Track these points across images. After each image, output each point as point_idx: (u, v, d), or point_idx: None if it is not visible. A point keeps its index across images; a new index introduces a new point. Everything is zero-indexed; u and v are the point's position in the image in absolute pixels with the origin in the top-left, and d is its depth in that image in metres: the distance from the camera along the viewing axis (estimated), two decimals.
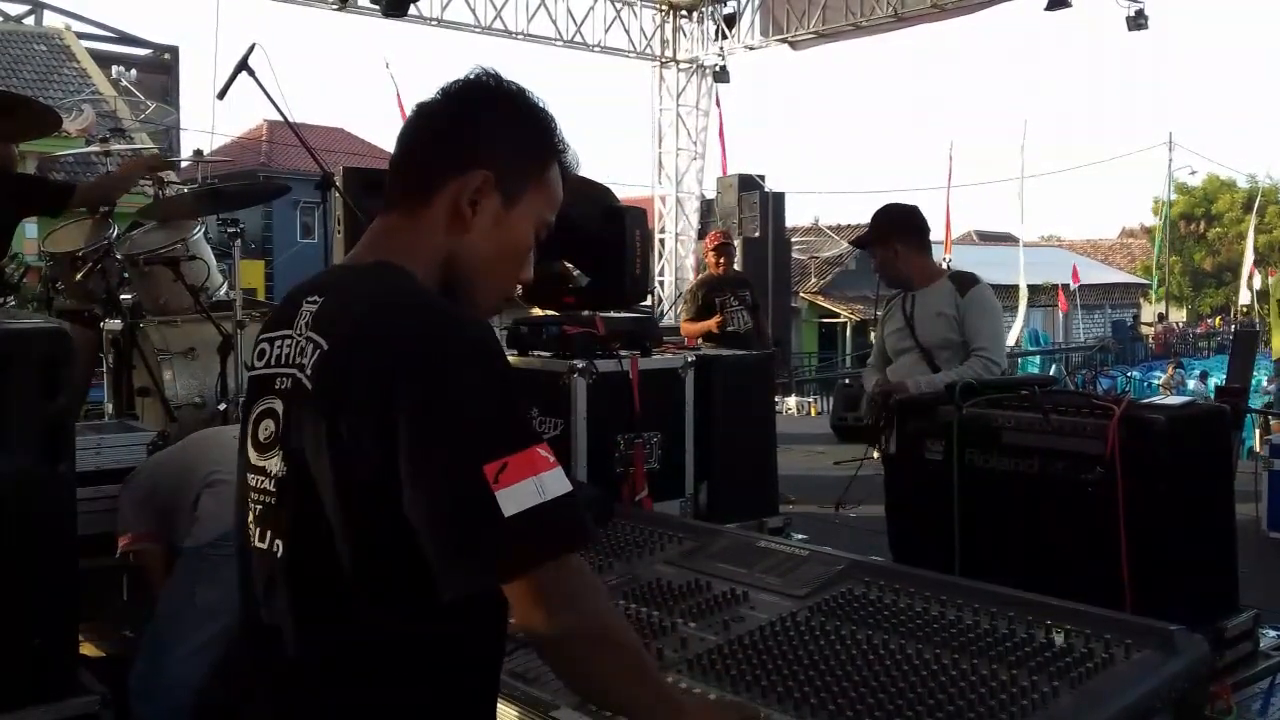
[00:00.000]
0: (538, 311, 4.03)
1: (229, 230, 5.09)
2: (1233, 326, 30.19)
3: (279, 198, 7.42)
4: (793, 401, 15.75)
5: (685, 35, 16.01)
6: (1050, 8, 12.00)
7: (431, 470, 1.18)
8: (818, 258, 29.38)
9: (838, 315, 29.02)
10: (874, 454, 4.17)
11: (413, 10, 12.72)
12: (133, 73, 20.49)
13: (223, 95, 4.47)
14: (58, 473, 2.64)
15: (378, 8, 12.39)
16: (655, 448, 3.51)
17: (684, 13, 15.87)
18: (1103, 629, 1.70)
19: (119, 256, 4.62)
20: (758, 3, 14.99)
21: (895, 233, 3.92)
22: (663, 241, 15.97)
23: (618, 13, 15.46)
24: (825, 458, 8.57)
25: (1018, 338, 28.33)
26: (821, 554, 2.17)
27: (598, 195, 3.89)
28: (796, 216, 32.90)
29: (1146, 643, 1.65)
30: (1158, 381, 21.33)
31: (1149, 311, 40.75)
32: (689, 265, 15.95)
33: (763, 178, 13.46)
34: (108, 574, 3.19)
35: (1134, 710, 1.54)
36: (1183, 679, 1.61)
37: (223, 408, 4.28)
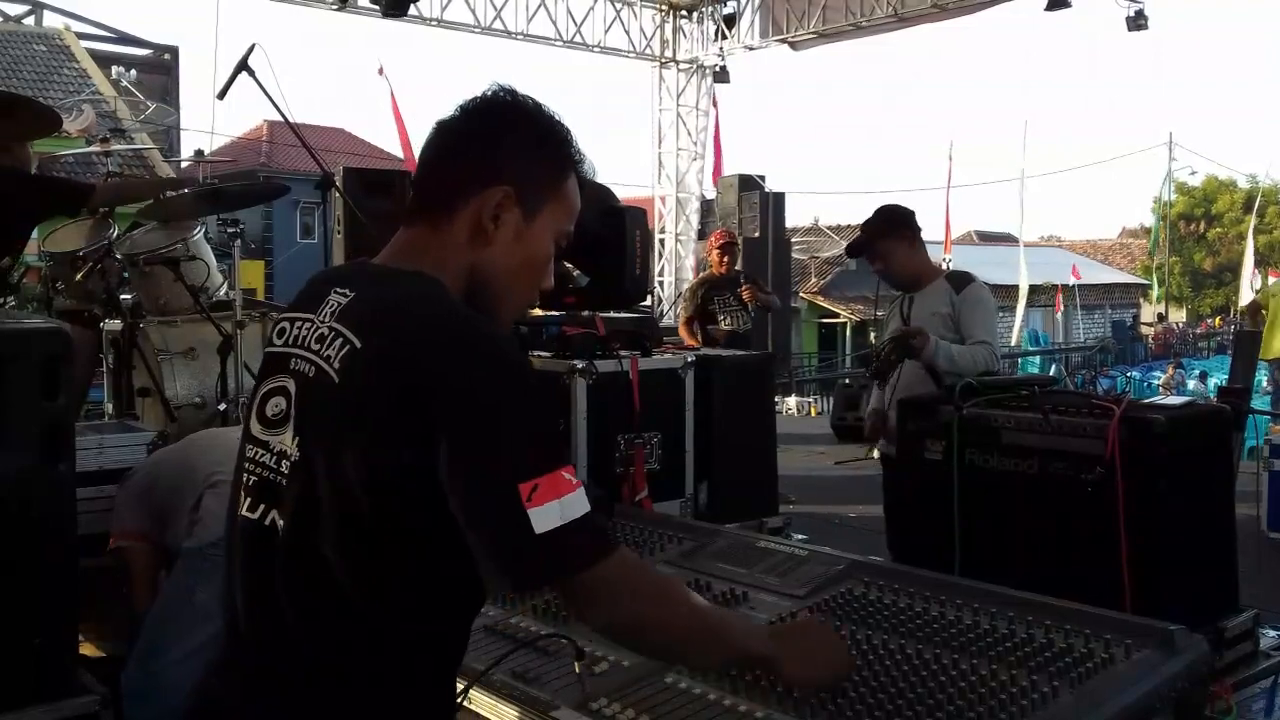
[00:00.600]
0: (538, 311, 4.03)
1: (229, 230, 5.09)
2: (1233, 327, 30.18)
3: (279, 198, 7.42)
4: (793, 401, 15.75)
5: (685, 35, 16.01)
6: (1050, 8, 12.00)
7: (475, 486, 1.26)
8: (818, 258, 29.39)
9: (838, 315, 29.03)
10: (874, 454, 4.18)
11: (412, 10, 12.72)
12: (133, 73, 20.48)
13: (223, 95, 4.48)
14: (58, 473, 2.65)
15: (377, 8, 12.39)
16: (655, 448, 3.51)
17: (684, 13, 15.88)
18: (1103, 629, 1.70)
19: (119, 256, 4.62)
20: (758, 3, 14.99)
21: (882, 235, 3.91)
22: (663, 241, 15.97)
23: (618, 13, 15.46)
24: (825, 458, 8.59)
25: (1017, 338, 28.35)
26: (821, 554, 2.18)
27: (598, 195, 3.88)
28: (796, 216, 32.94)
29: (1146, 643, 1.65)
30: (1158, 381, 21.33)
31: (1149, 312, 40.76)
32: (689, 265, 15.95)
33: (763, 178, 13.46)
34: (108, 574, 3.19)
35: (1134, 710, 1.54)
36: (1183, 679, 1.61)
37: (223, 408, 4.28)
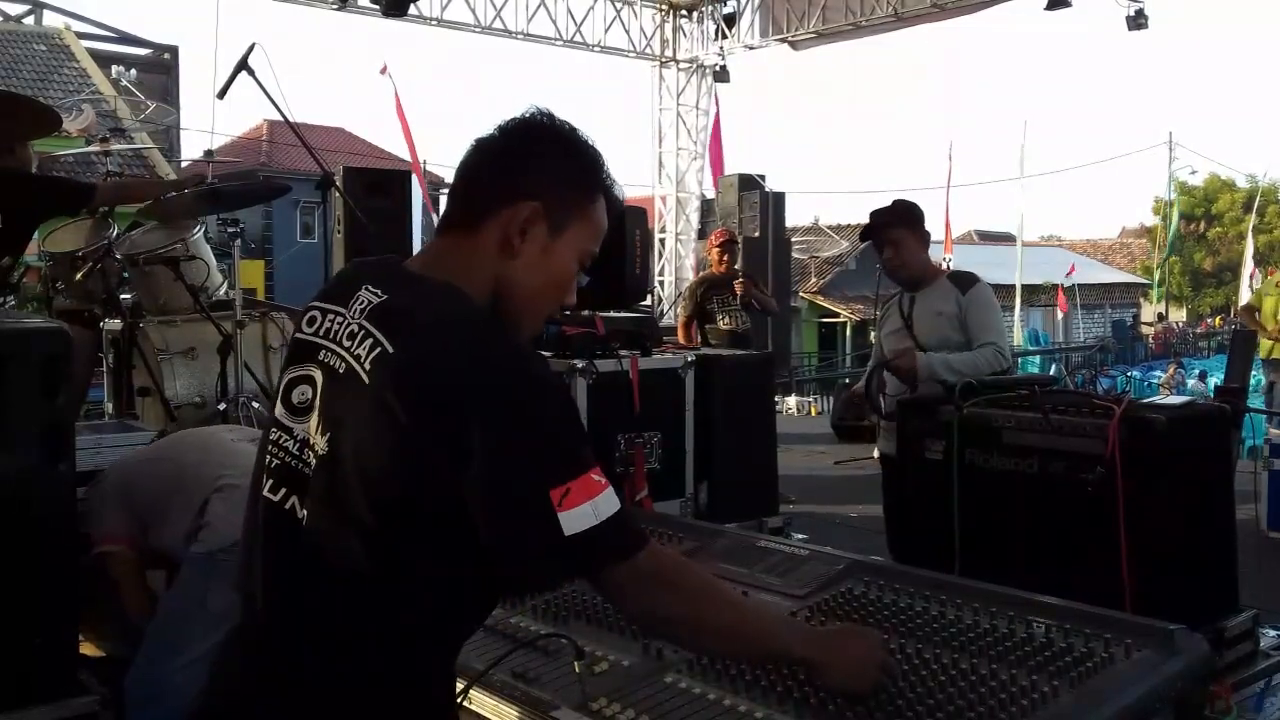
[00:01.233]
0: None
1: (229, 230, 5.09)
2: (1232, 326, 30.19)
3: (279, 198, 7.42)
4: (793, 401, 15.76)
5: (685, 35, 16.01)
6: (1050, 8, 12.00)
7: (507, 493, 1.31)
8: (818, 258, 29.38)
9: (838, 315, 29.02)
10: (874, 454, 4.18)
11: (413, 10, 12.72)
12: (133, 73, 20.47)
13: (223, 95, 4.48)
14: (58, 472, 2.65)
15: (378, 8, 12.39)
16: (655, 448, 3.52)
17: (684, 12, 15.87)
18: (1103, 629, 1.70)
19: (119, 256, 4.62)
20: (758, 3, 14.99)
21: (901, 223, 3.92)
22: (663, 241, 15.97)
23: (618, 13, 15.46)
24: (825, 458, 8.59)
25: (1018, 338, 28.34)
26: (821, 554, 2.17)
27: None
28: (796, 216, 32.92)
29: (1146, 643, 1.65)
30: (1158, 381, 21.33)
31: (1149, 311, 40.75)
32: (689, 265, 15.95)
33: (763, 177, 13.46)
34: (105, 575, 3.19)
35: (1134, 710, 1.54)
36: (1183, 679, 1.61)
37: (222, 407, 4.28)
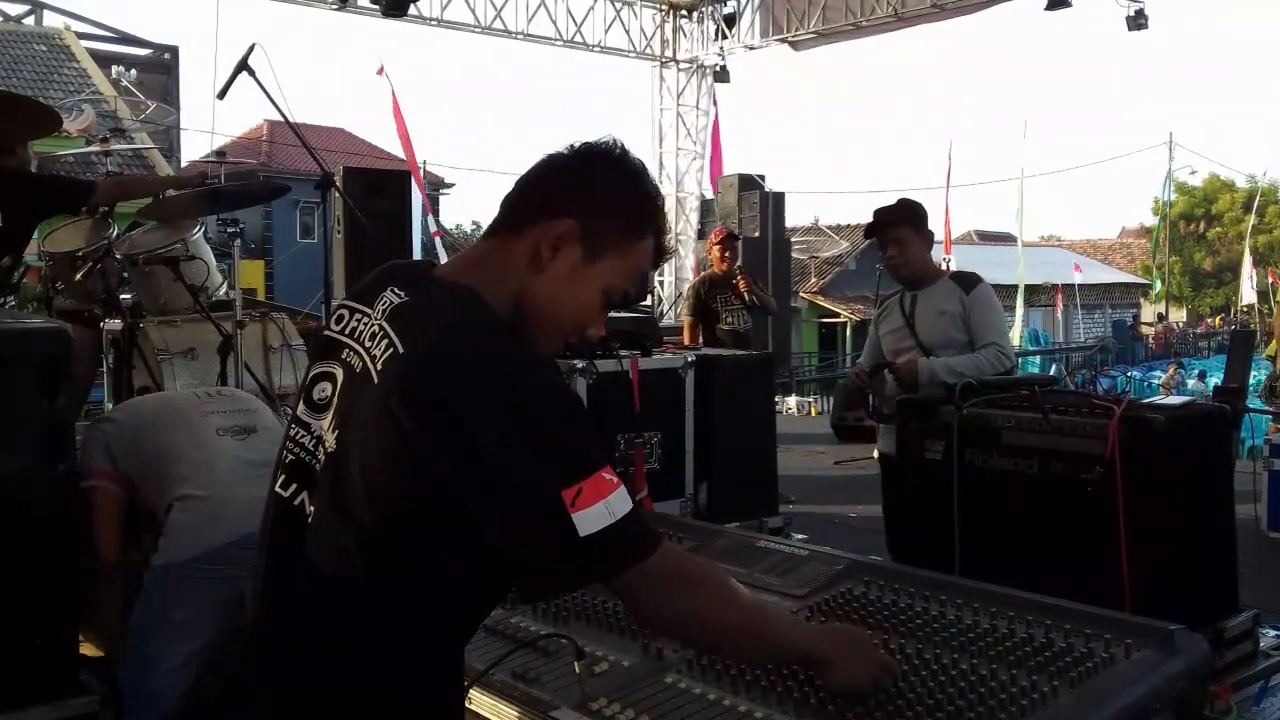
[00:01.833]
0: None
1: (229, 230, 5.09)
2: (1233, 326, 30.20)
3: (279, 198, 7.42)
4: (793, 401, 15.75)
5: (685, 35, 16.02)
6: (1050, 8, 12.01)
7: (516, 496, 1.30)
8: (818, 258, 29.38)
9: (838, 315, 29.02)
10: (874, 454, 4.18)
11: (413, 10, 12.73)
12: (133, 73, 20.47)
13: (223, 95, 4.49)
14: (58, 473, 2.65)
15: (378, 8, 12.40)
16: (655, 448, 3.52)
17: (684, 13, 15.88)
18: (1103, 629, 1.70)
19: (119, 256, 4.61)
20: (758, 3, 15.00)
21: (905, 222, 3.92)
22: None
23: (618, 13, 15.47)
24: (825, 458, 8.58)
25: (1018, 337, 28.35)
26: (821, 554, 2.17)
27: None
28: (796, 216, 32.92)
29: (1146, 643, 1.65)
30: (1158, 381, 21.33)
31: (1149, 311, 40.76)
32: (689, 265, 15.95)
33: (763, 178, 13.46)
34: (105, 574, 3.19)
35: (1134, 710, 1.54)
36: (1183, 679, 1.61)
37: None
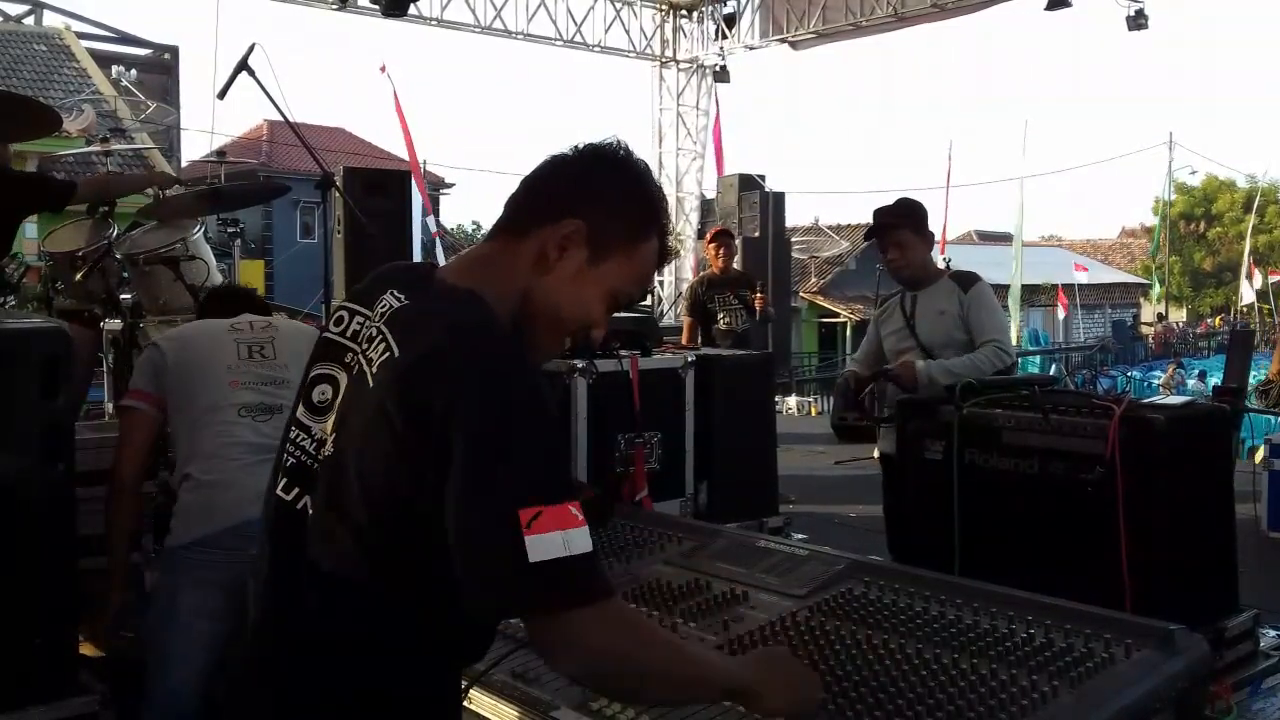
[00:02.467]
0: None
1: (229, 230, 5.10)
2: (1233, 327, 30.20)
3: (279, 197, 7.43)
4: (793, 401, 15.75)
5: (685, 35, 16.03)
6: (1050, 8, 12.01)
7: (474, 504, 1.26)
8: (818, 258, 29.38)
9: (838, 315, 29.02)
10: (874, 454, 4.18)
11: (413, 10, 12.73)
12: (133, 73, 20.46)
13: (223, 95, 4.48)
14: (58, 472, 2.65)
15: (378, 8, 12.41)
16: (655, 448, 3.51)
17: (684, 13, 15.89)
18: (1103, 629, 1.70)
19: (119, 256, 4.62)
20: (758, 3, 15.01)
21: (906, 224, 3.91)
22: None
23: (618, 13, 15.47)
24: (825, 458, 8.58)
25: (1017, 337, 28.36)
26: (821, 554, 2.17)
27: None
28: (796, 216, 32.90)
29: (1146, 643, 1.65)
30: (1158, 381, 21.33)
31: (1149, 311, 40.76)
32: (689, 265, 15.95)
33: (763, 178, 13.47)
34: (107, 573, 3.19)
35: (1134, 710, 1.54)
36: (1183, 679, 1.61)
37: None
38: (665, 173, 16.24)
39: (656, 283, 15.43)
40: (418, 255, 10.36)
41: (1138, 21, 12.14)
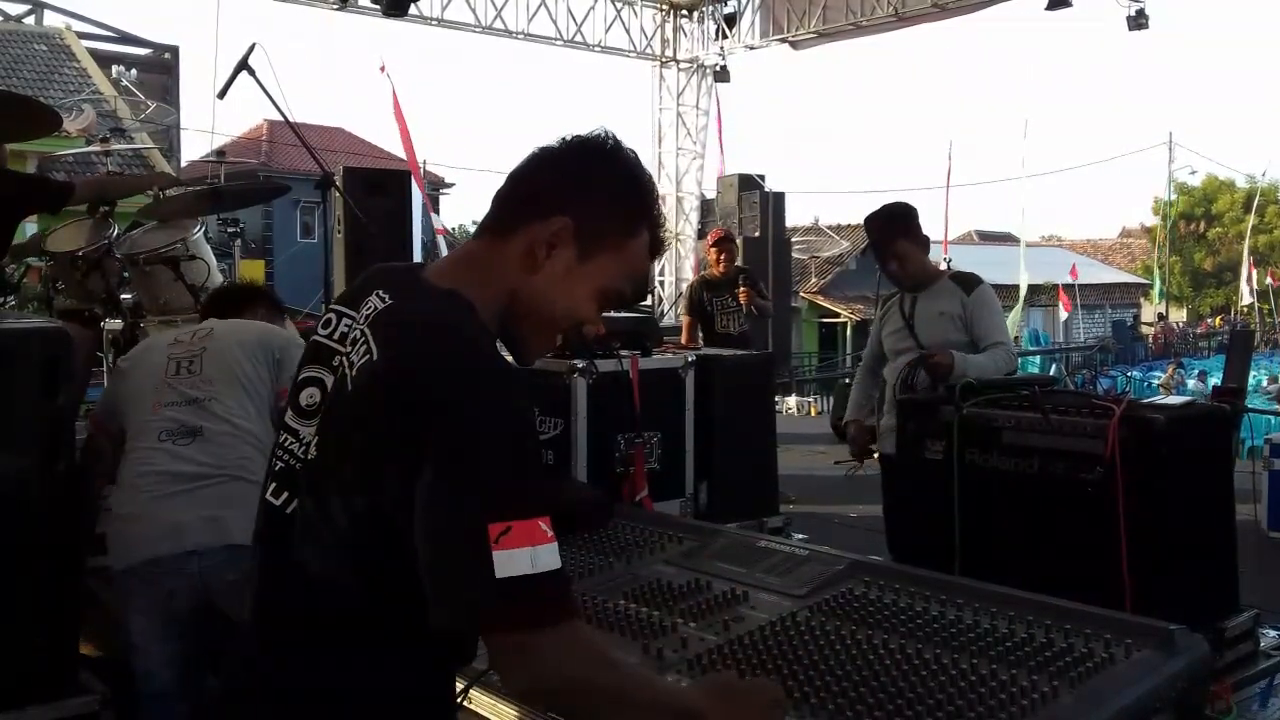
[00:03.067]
0: None
1: (229, 230, 5.10)
2: (1232, 327, 30.20)
3: (279, 197, 7.43)
4: (793, 401, 15.76)
5: (685, 35, 16.03)
6: (1050, 8, 12.01)
7: (442, 514, 1.24)
8: (818, 258, 29.39)
9: (838, 315, 29.03)
10: (874, 454, 4.18)
11: (413, 10, 12.73)
12: (133, 73, 20.47)
13: (223, 95, 4.49)
14: (58, 472, 2.65)
15: (378, 8, 12.41)
16: (655, 448, 3.51)
17: (684, 12, 15.89)
18: (1103, 629, 1.70)
19: (119, 256, 4.62)
20: (758, 3, 15.01)
21: (901, 234, 3.90)
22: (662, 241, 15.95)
23: (618, 12, 15.47)
24: (825, 458, 8.58)
25: (1017, 337, 28.37)
26: (821, 554, 2.17)
27: None
28: (796, 216, 32.87)
29: (1146, 643, 1.65)
30: (1158, 381, 21.32)
31: (1149, 311, 40.76)
32: (689, 265, 15.96)
33: (763, 177, 13.48)
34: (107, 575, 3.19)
35: (1134, 710, 1.54)
36: (1183, 679, 1.61)
37: None
38: (665, 172, 16.24)
39: (657, 283, 15.43)
40: (418, 255, 10.36)
41: (1138, 21, 12.14)
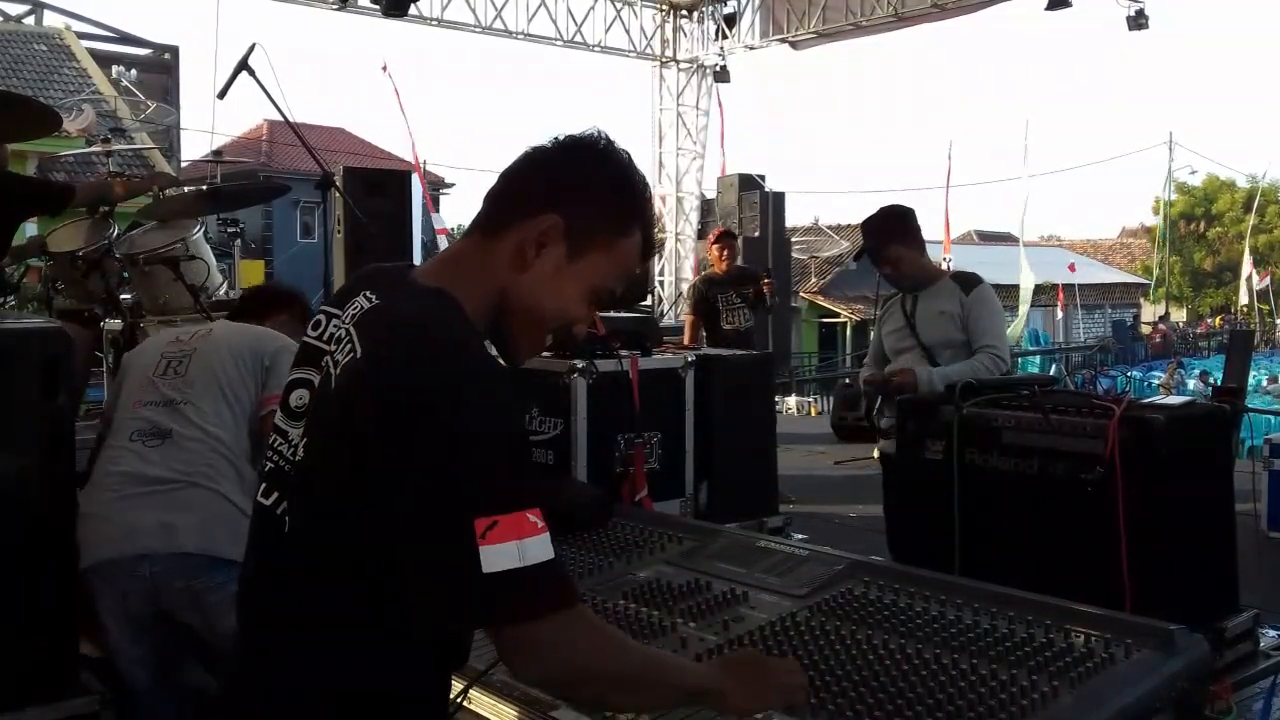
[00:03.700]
0: None
1: (229, 230, 5.10)
2: (1234, 326, 30.21)
3: (279, 197, 7.44)
4: (793, 401, 15.76)
5: (685, 35, 16.02)
6: (1050, 8, 12.01)
7: (425, 511, 1.23)
8: (818, 258, 29.39)
9: (838, 315, 29.04)
10: (874, 454, 4.19)
11: (413, 10, 12.72)
12: (133, 73, 20.48)
13: (223, 95, 4.49)
14: (57, 472, 2.65)
15: (378, 8, 12.40)
16: (655, 448, 3.51)
17: (684, 12, 15.89)
18: (1103, 629, 1.70)
19: (119, 256, 4.62)
20: (758, 3, 15.01)
21: (895, 239, 3.90)
22: (662, 241, 15.97)
23: (618, 13, 15.47)
24: (825, 458, 8.61)
25: (1018, 337, 28.35)
26: (821, 554, 2.17)
27: None
28: (796, 216, 32.90)
29: (1146, 643, 1.65)
30: (1158, 381, 21.31)
31: (1149, 311, 40.76)
32: (689, 265, 15.95)
33: (763, 177, 13.48)
34: None
35: (1134, 710, 1.54)
36: (1183, 679, 1.61)
37: None
38: (665, 172, 16.24)
39: (656, 283, 15.43)
40: (419, 255, 10.36)
41: (1138, 21, 12.14)
